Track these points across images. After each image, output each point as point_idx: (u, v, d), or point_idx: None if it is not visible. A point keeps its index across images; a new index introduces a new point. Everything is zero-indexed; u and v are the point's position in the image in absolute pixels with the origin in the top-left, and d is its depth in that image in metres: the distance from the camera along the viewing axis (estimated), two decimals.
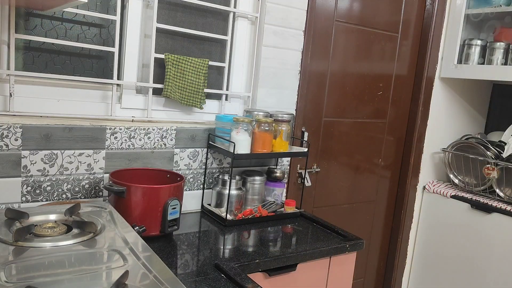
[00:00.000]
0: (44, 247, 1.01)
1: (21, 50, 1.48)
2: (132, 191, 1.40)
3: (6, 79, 1.42)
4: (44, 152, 1.47)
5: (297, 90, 2.03)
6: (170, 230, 1.46)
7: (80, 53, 1.59)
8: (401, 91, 2.53)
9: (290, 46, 1.96)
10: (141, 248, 1.05)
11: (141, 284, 0.89)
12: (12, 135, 1.41)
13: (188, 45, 1.80)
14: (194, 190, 1.82)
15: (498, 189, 2.28)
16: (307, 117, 2.15)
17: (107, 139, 1.58)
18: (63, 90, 1.54)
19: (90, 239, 1.08)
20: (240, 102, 1.96)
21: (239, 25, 1.88)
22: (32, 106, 1.46)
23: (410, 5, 2.43)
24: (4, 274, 0.86)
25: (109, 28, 1.62)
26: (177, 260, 1.36)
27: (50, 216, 1.18)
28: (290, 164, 2.09)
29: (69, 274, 0.90)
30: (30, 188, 1.47)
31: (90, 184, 1.58)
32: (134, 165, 1.65)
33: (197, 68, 1.72)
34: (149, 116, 1.68)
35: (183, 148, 1.76)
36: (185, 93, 1.71)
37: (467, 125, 2.75)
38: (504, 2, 2.34)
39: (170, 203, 1.43)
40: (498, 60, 2.35)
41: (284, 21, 1.91)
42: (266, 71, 1.91)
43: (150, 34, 1.65)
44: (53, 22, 1.51)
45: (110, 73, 1.61)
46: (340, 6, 2.15)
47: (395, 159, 2.62)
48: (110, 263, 0.99)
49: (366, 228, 2.60)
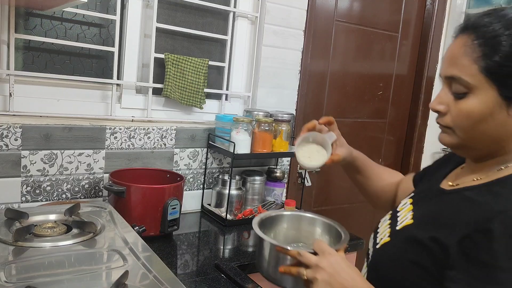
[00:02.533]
0: (44, 247, 1.00)
1: (21, 50, 1.48)
2: (132, 191, 1.40)
3: (6, 79, 1.41)
4: (44, 152, 1.47)
5: (297, 90, 2.03)
6: (170, 230, 1.46)
7: (80, 53, 1.59)
8: (401, 91, 2.53)
9: (290, 46, 1.96)
10: (141, 248, 1.05)
11: (141, 284, 0.89)
12: (12, 135, 1.41)
13: (188, 45, 1.79)
14: (194, 190, 1.82)
15: None
16: (307, 117, 2.15)
17: (107, 139, 1.58)
18: (63, 90, 1.53)
19: (90, 239, 1.07)
20: (240, 102, 1.96)
21: (239, 25, 1.88)
22: (32, 106, 1.45)
23: (410, 5, 2.43)
24: (4, 274, 0.86)
25: (109, 28, 1.62)
26: (177, 260, 1.36)
27: (50, 216, 1.18)
28: (290, 164, 2.09)
29: (69, 274, 0.90)
30: (30, 188, 1.47)
31: (90, 184, 1.58)
32: (134, 165, 1.65)
33: (197, 68, 1.72)
34: (149, 116, 1.67)
35: (183, 148, 1.76)
36: (185, 93, 1.71)
37: None
38: (504, 2, 2.33)
39: (170, 203, 1.43)
40: None
41: (284, 21, 1.91)
42: (266, 71, 1.91)
43: (150, 34, 1.64)
44: (52, 22, 1.51)
45: (110, 73, 1.60)
46: (340, 6, 2.15)
47: (395, 159, 2.62)
48: (110, 263, 0.99)
49: (366, 228, 2.59)
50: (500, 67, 0.73)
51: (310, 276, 0.81)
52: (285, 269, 0.86)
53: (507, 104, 0.75)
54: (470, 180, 0.83)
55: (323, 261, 0.81)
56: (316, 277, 0.80)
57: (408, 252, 0.80)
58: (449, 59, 0.79)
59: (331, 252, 0.83)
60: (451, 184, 0.87)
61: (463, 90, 0.77)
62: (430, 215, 0.83)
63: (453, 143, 0.82)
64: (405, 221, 0.87)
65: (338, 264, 0.81)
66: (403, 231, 0.86)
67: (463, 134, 0.79)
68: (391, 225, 0.92)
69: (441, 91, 0.81)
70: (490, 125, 0.77)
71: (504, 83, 0.74)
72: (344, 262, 0.82)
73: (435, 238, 0.76)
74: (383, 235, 0.92)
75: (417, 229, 0.83)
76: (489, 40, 0.74)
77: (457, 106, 0.78)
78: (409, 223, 0.86)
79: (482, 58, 0.74)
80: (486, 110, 0.76)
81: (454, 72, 0.77)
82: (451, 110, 0.79)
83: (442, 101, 0.81)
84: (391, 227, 0.91)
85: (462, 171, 0.90)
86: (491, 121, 0.76)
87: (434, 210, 0.84)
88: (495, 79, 0.74)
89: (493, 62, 0.73)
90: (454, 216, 0.77)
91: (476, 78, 0.75)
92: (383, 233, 0.93)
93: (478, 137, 0.79)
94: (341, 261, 0.82)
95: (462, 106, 0.77)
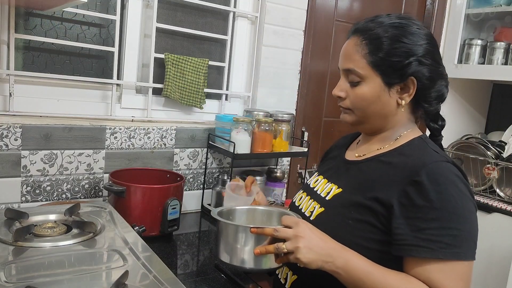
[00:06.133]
0: (44, 247, 1.00)
1: (21, 50, 1.48)
2: (132, 191, 1.40)
3: (6, 79, 1.41)
4: (44, 152, 1.47)
5: (297, 90, 2.03)
6: (170, 230, 1.46)
7: (80, 53, 1.59)
8: None
9: (290, 46, 1.96)
10: (141, 248, 1.05)
11: (141, 284, 0.89)
12: (12, 135, 1.41)
13: (188, 45, 1.79)
14: (194, 190, 1.82)
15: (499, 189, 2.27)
16: (307, 117, 2.15)
17: (107, 139, 1.58)
18: (63, 90, 1.53)
19: (90, 239, 1.07)
20: (240, 102, 1.96)
21: (239, 25, 1.88)
22: (32, 106, 1.45)
23: (410, 5, 2.43)
24: (4, 274, 0.86)
25: (109, 28, 1.62)
26: (177, 260, 1.35)
27: (50, 216, 1.18)
28: (290, 164, 2.09)
29: (69, 274, 0.90)
30: (30, 188, 1.47)
31: (90, 184, 1.58)
32: (134, 165, 1.65)
33: (197, 68, 1.72)
34: (149, 116, 1.67)
35: (183, 148, 1.76)
36: (185, 93, 1.71)
37: (467, 125, 2.75)
38: (504, 2, 2.33)
39: (170, 203, 1.43)
40: (499, 60, 2.35)
41: (284, 21, 1.91)
42: (266, 71, 1.91)
43: (150, 34, 1.64)
44: (52, 22, 1.51)
45: (110, 73, 1.60)
46: (340, 6, 2.15)
47: None
48: (110, 263, 0.99)
49: None
50: (382, 61, 0.95)
51: (291, 247, 0.86)
52: (261, 250, 0.89)
53: (388, 88, 0.97)
54: (375, 150, 1.03)
55: (299, 230, 0.87)
56: (298, 245, 0.86)
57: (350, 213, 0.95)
58: (344, 55, 1.01)
59: (303, 221, 0.91)
60: (358, 155, 1.07)
61: (357, 80, 0.98)
62: (357, 181, 1.00)
63: (353, 121, 1.03)
64: (332, 192, 1.03)
65: (312, 230, 0.89)
66: (336, 199, 1.01)
67: (360, 113, 1.01)
68: (315, 199, 1.07)
69: (340, 81, 1.03)
70: (378, 105, 0.98)
71: (385, 73, 0.95)
72: (314, 227, 0.91)
73: (376, 198, 0.92)
74: (311, 208, 1.05)
75: (350, 194, 0.99)
76: (374, 41, 0.96)
77: (354, 92, 0.99)
78: (338, 191, 1.02)
79: (369, 54, 0.96)
80: (374, 93, 0.97)
81: (349, 65, 0.99)
82: (349, 95, 1.01)
83: (342, 89, 1.02)
84: (317, 200, 1.05)
85: (361, 144, 1.10)
86: (379, 102, 0.98)
87: (359, 176, 1.01)
88: (379, 70, 0.95)
89: (378, 57, 0.95)
90: (382, 177, 0.96)
91: (366, 70, 0.96)
92: (310, 206, 1.06)
93: (371, 114, 1.00)
94: (312, 227, 0.90)
95: (357, 92, 0.99)
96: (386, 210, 0.90)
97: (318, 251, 0.86)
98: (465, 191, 0.88)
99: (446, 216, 0.85)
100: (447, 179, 0.88)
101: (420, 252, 0.85)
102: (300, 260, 0.86)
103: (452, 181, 0.88)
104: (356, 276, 0.86)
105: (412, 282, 0.85)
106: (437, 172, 0.88)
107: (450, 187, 0.87)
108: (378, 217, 0.91)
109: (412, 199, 0.87)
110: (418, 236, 0.86)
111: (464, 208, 0.86)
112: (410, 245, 0.86)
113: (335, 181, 1.06)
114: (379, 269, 0.87)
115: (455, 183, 0.88)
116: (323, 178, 1.12)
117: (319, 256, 0.86)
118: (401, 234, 0.87)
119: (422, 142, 1.00)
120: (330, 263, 0.86)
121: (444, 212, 0.85)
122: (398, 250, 0.88)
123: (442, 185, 0.87)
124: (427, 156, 0.94)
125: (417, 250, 0.85)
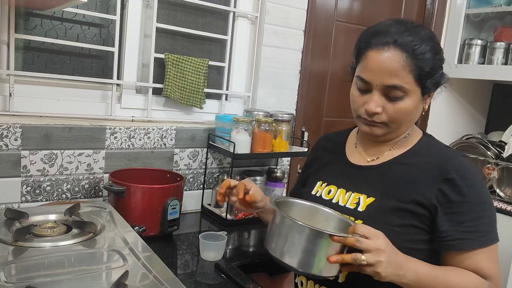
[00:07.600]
0: (44, 247, 1.00)
1: (21, 50, 1.48)
2: (132, 191, 1.40)
3: (6, 79, 1.41)
4: (43, 152, 1.47)
5: (297, 90, 2.03)
6: (170, 230, 1.46)
7: (80, 53, 1.59)
8: None
9: (290, 46, 1.96)
10: (141, 248, 1.05)
11: (141, 284, 0.89)
12: (12, 135, 1.41)
13: (188, 45, 1.79)
14: (194, 190, 1.82)
15: (499, 189, 2.27)
16: (307, 117, 2.15)
17: (106, 139, 1.58)
18: (63, 90, 1.53)
19: (90, 239, 1.07)
20: (240, 102, 1.96)
21: (239, 25, 1.88)
22: (32, 106, 1.45)
23: (410, 5, 2.43)
24: (4, 274, 0.86)
25: (109, 28, 1.62)
26: (177, 260, 1.35)
27: (50, 216, 1.18)
28: (290, 164, 2.09)
29: (69, 274, 0.90)
30: (30, 188, 1.46)
31: (90, 184, 1.58)
32: (134, 165, 1.65)
33: (197, 68, 1.72)
34: (149, 116, 1.67)
35: (183, 148, 1.76)
36: (185, 93, 1.71)
37: (467, 125, 2.75)
38: (504, 2, 2.33)
39: (170, 203, 1.43)
40: (499, 60, 2.35)
41: (284, 21, 1.91)
42: (266, 71, 1.91)
43: (150, 34, 1.64)
44: (53, 22, 1.51)
45: (110, 73, 1.60)
46: (340, 6, 2.15)
47: None
48: (110, 263, 0.99)
49: None
50: (427, 75, 0.97)
51: (373, 261, 0.84)
52: (337, 258, 0.86)
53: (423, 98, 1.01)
54: (387, 151, 1.07)
55: (380, 243, 0.86)
56: (380, 260, 0.84)
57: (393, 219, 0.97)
58: (388, 71, 0.96)
59: (381, 233, 0.89)
60: (371, 159, 1.08)
61: (401, 95, 0.97)
62: (385, 187, 1.02)
63: (384, 133, 1.03)
64: (363, 202, 1.03)
65: (390, 245, 0.88)
66: (372, 209, 1.01)
67: (395, 126, 1.02)
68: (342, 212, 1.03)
69: (375, 96, 0.99)
70: (414, 115, 1.03)
71: (426, 85, 0.99)
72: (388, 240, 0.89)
73: (414, 201, 0.97)
74: None
75: (385, 201, 1.00)
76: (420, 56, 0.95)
77: (395, 107, 0.98)
78: (370, 201, 1.02)
79: (416, 70, 0.95)
80: (415, 106, 1.00)
81: (395, 82, 0.96)
82: (387, 110, 0.99)
83: (378, 104, 0.99)
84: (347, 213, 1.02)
85: (367, 148, 1.10)
86: (416, 112, 1.02)
87: (385, 181, 1.03)
88: (421, 82, 0.98)
89: (424, 72, 0.96)
90: (409, 179, 1.00)
91: (411, 85, 0.97)
92: None
93: (405, 124, 1.03)
94: (388, 241, 0.89)
95: (400, 106, 0.98)
96: (427, 210, 0.97)
97: (394, 265, 0.86)
98: (481, 180, 1.00)
99: (477, 206, 0.95)
100: (471, 173, 0.98)
101: (466, 244, 0.94)
102: (380, 275, 0.85)
103: (474, 174, 0.98)
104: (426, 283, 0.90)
105: (469, 276, 0.93)
106: (463, 168, 0.97)
107: (475, 180, 0.98)
108: (420, 218, 0.97)
109: (448, 196, 0.95)
110: (459, 229, 0.94)
111: (487, 196, 0.98)
112: (454, 240, 0.94)
113: (357, 190, 1.05)
114: (440, 270, 0.93)
115: (476, 175, 0.99)
116: (336, 187, 1.10)
117: (394, 270, 0.86)
118: (445, 231, 0.95)
119: (430, 140, 1.08)
120: (401, 276, 0.88)
121: (475, 203, 0.95)
122: (445, 246, 0.96)
123: (469, 179, 0.96)
124: (444, 153, 1.02)
125: (461, 243, 0.94)
